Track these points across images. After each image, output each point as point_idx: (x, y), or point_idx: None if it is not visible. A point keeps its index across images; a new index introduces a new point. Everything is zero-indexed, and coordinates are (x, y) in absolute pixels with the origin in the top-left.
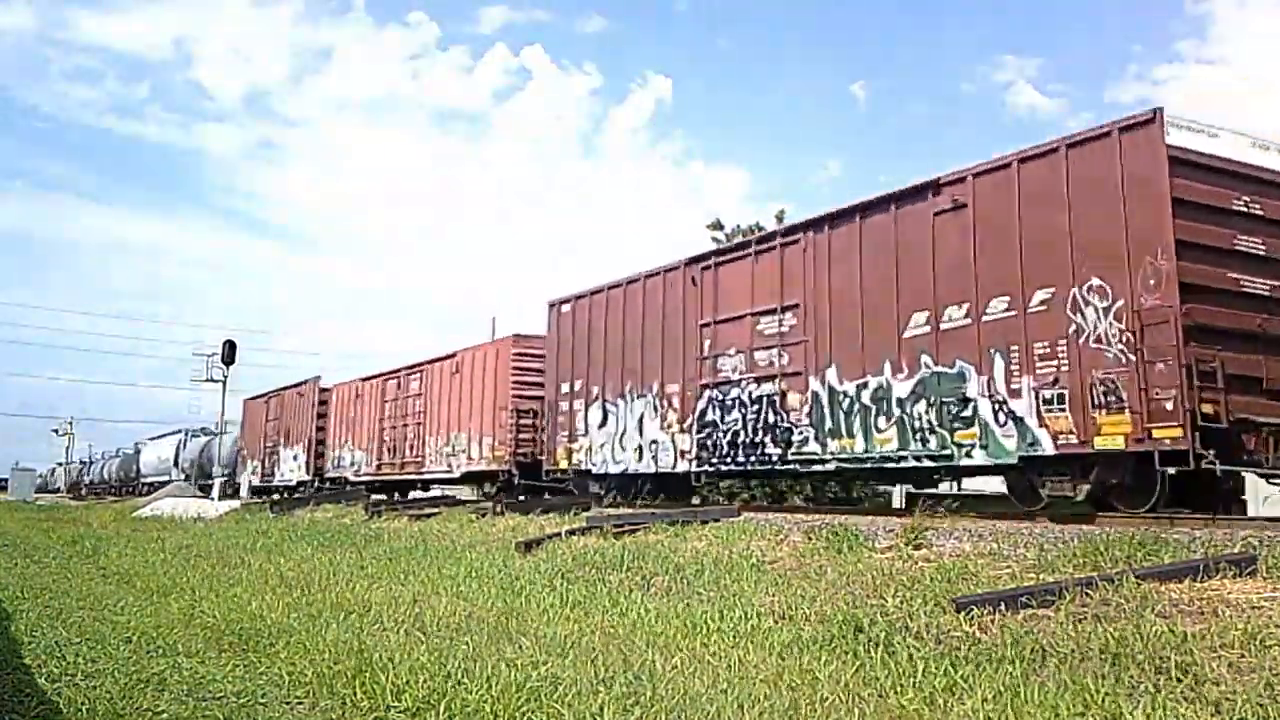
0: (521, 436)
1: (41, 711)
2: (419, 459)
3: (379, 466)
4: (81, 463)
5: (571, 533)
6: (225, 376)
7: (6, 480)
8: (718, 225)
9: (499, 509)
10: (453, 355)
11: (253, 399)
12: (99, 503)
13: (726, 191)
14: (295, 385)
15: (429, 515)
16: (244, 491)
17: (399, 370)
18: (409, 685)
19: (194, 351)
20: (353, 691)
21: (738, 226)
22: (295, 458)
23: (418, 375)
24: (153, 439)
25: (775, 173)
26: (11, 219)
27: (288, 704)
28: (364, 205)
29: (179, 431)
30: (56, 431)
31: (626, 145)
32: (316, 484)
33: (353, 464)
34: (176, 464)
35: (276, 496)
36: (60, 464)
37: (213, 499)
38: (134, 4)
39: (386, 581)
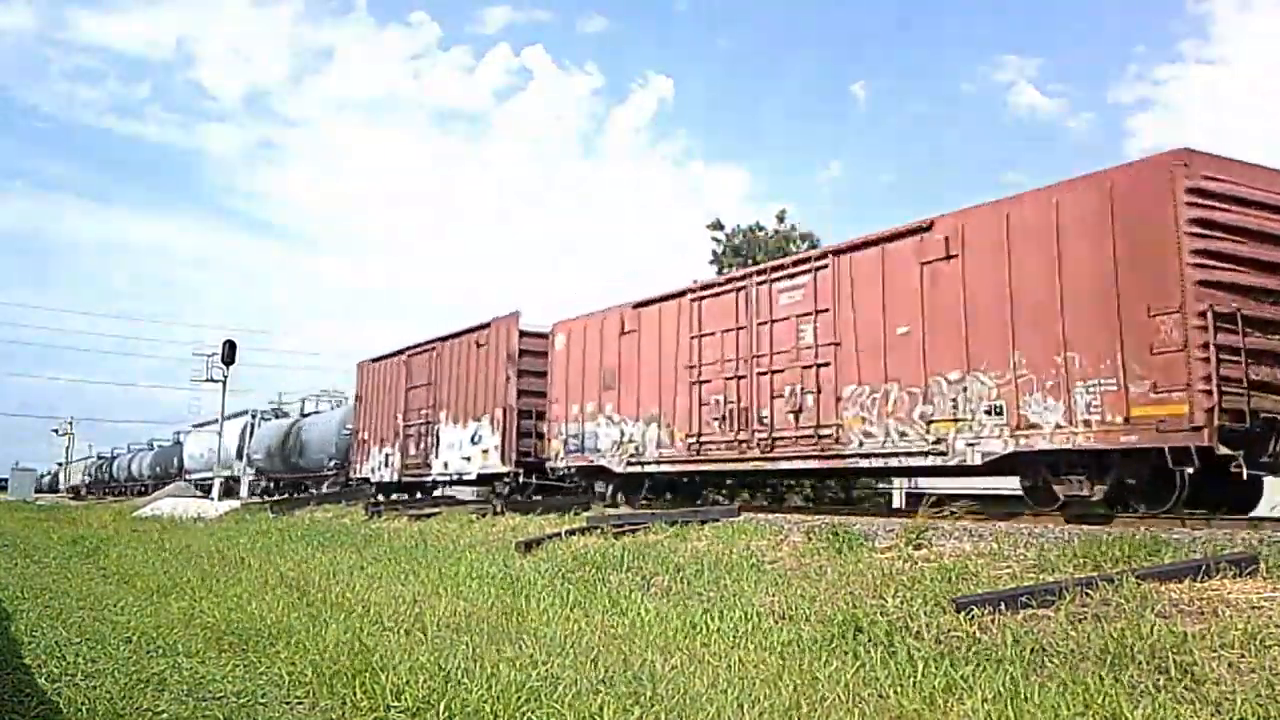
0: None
1: (41, 711)
2: (831, 429)
3: (697, 446)
4: (100, 458)
5: (571, 533)
6: (225, 376)
7: (7, 480)
8: (718, 225)
9: (499, 509)
10: (925, 227)
11: (377, 360)
12: (99, 503)
13: (727, 191)
14: (466, 331)
15: (429, 515)
16: (244, 492)
17: (746, 274)
18: (409, 685)
19: (194, 351)
20: (353, 691)
21: (738, 226)
22: (475, 439)
23: (822, 271)
24: (201, 425)
25: (776, 173)
26: (11, 219)
27: (288, 704)
28: (364, 205)
29: (244, 414)
30: (56, 431)
31: (627, 145)
32: (519, 479)
33: (625, 444)
34: (240, 454)
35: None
36: (61, 463)
37: (213, 499)
38: (135, 4)
39: (386, 581)
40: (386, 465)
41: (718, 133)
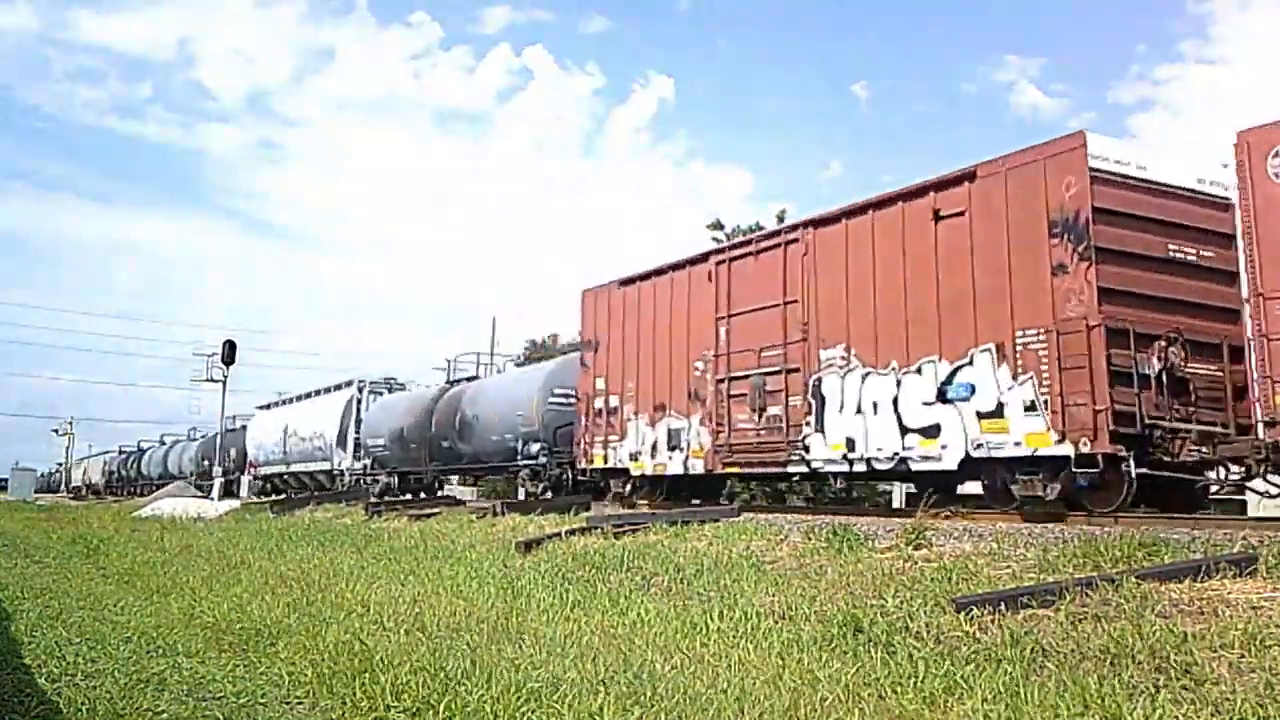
0: None
1: (41, 711)
2: None
3: None
4: (123, 451)
5: (571, 533)
6: (225, 376)
7: (6, 480)
8: (718, 225)
9: (499, 509)
10: None
11: (634, 280)
12: (99, 502)
13: (728, 192)
14: (893, 198)
15: (429, 515)
16: (244, 491)
17: None
18: (409, 685)
19: (194, 351)
20: (353, 691)
21: (738, 226)
22: (948, 392)
23: None
24: (272, 406)
25: (777, 173)
26: (12, 219)
27: (288, 704)
28: (364, 205)
29: (346, 385)
30: (56, 431)
31: (628, 145)
32: (1126, 467)
33: None
34: (343, 441)
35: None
36: (61, 464)
37: (213, 499)
38: (136, 4)
39: (386, 582)
40: (674, 448)
41: (718, 133)
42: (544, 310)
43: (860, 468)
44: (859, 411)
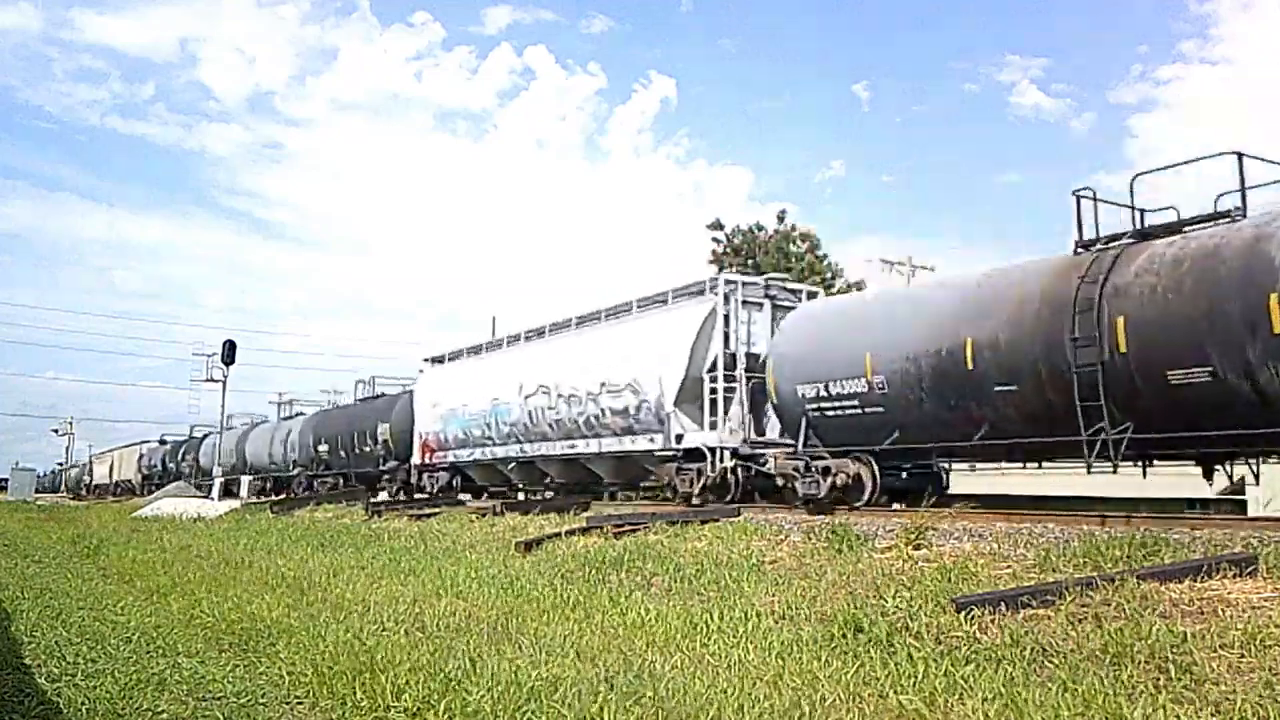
0: None
1: (41, 711)
2: None
3: None
4: (164, 442)
5: (571, 533)
6: (225, 376)
7: (6, 480)
8: (718, 225)
9: (499, 509)
10: None
11: None
12: (99, 503)
13: (729, 192)
14: None
15: (429, 515)
16: (244, 490)
17: None
18: (409, 685)
19: (194, 352)
20: (353, 691)
21: (737, 227)
22: None
23: None
24: (495, 346)
25: (778, 173)
26: (14, 219)
27: (288, 704)
28: (366, 205)
29: (686, 291)
30: (56, 431)
31: (630, 145)
32: None
33: None
34: (692, 400)
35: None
36: (61, 464)
37: (213, 499)
38: (139, 4)
39: (386, 582)
40: None
41: (720, 133)
42: (544, 310)
43: None
44: None
